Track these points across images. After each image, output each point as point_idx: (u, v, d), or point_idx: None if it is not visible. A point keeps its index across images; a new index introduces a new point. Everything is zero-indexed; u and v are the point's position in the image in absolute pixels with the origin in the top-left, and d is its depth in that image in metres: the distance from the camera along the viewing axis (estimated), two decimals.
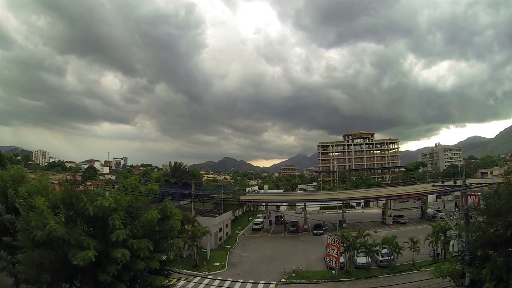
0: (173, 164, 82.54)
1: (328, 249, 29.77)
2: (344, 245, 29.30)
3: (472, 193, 30.57)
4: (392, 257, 29.58)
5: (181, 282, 26.07)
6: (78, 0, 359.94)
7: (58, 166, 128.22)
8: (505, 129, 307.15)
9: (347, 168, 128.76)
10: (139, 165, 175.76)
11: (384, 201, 57.54)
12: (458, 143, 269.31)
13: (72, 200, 12.65)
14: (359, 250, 29.85)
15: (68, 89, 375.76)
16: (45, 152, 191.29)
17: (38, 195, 12.57)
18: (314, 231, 46.24)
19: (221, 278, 27.82)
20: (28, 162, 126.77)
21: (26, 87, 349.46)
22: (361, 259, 30.05)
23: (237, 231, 50.46)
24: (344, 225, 47.39)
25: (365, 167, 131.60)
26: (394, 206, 61.66)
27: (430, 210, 54.90)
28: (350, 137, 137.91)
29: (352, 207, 71.60)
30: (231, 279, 27.54)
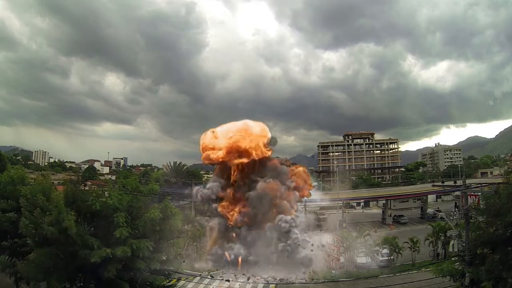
0: (173, 164, 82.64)
1: (328, 249, 29.78)
2: (344, 245, 29.31)
3: (472, 193, 30.61)
4: (392, 257, 29.58)
5: (181, 282, 26.08)
6: (82, 2, 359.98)
7: (58, 166, 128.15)
8: (505, 129, 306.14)
9: (347, 168, 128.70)
10: (139, 165, 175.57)
11: (384, 201, 57.52)
12: (458, 143, 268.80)
13: (75, 200, 12.73)
14: (359, 250, 29.87)
15: (70, 90, 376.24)
16: (45, 152, 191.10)
17: (41, 194, 12.65)
18: (315, 231, 46.21)
19: (221, 278, 27.83)
20: (28, 162, 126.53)
21: (29, 87, 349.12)
22: (361, 259, 30.05)
23: None
24: (344, 225, 47.37)
25: (365, 167, 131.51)
26: (394, 206, 61.61)
27: (430, 210, 54.89)
28: (350, 137, 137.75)
29: (352, 207, 71.55)
30: (231, 279, 27.56)
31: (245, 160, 33.94)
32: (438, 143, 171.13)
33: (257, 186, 32.68)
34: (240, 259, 31.24)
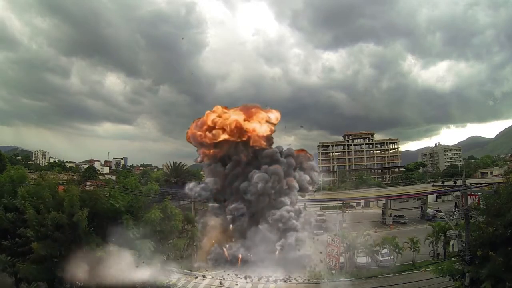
0: (172, 164, 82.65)
1: (328, 249, 29.76)
2: (344, 245, 29.30)
3: (472, 193, 30.61)
4: (392, 257, 29.58)
5: (181, 282, 26.10)
6: (82, 2, 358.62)
7: (59, 166, 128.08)
8: (505, 129, 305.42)
9: (347, 168, 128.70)
10: (139, 165, 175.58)
11: (384, 201, 57.54)
12: (458, 143, 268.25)
13: (88, 200, 12.81)
14: (359, 250, 29.86)
15: (71, 90, 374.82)
16: (45, 152, 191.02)
17: (48, 192, 12.71)
18: (314, 231, 46.18)
19: (221, 278, 27.83)
20: (28, 162, 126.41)
21: (29, 88, 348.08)
22: (361, 259, 30.06)
23: None
24: (344, 225, 47.37)
25: (365, 167, 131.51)
26: (394, 206, 61.63)
27: (430, 210, 54.91)
28: (350, 137, 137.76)
29: (352, 207, 71.55)
30: (231, 279, 27.56)
31: (243, 156, 33.27)
32: (438, 143, 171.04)
33: (254, 178, 31.77)
34: (240, 258, 31.20)
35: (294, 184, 33.52)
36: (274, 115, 35.06)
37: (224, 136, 32.96)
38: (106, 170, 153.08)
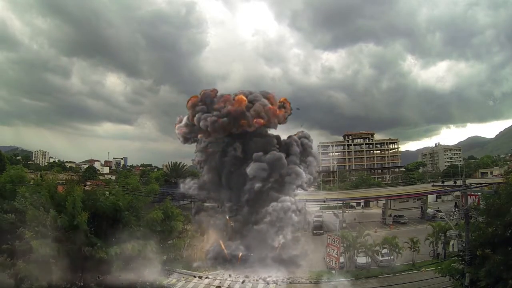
0: (172, 164, 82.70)
1: (328, 249, 29.77)
2: (344, 245, 29.32)
3: (472, 193, 30.62)
4: (392, 257, 29.59)
5: (181, 282, 26.10)
6: (83, 3, 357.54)
7: (58, 166, 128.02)
8: (505, 129, 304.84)
9: (347, 168, 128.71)
10: (139, 165, 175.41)
11: (384, 201, 57.55)
12: (458, 143, 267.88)
13: (87, 200, 12.79)
14: (359, 250, 29.87)
15: (71, 90, 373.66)
16: (45, 152, 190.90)
17: (47, 192, 12.69)
18: (314, 231, 46.20)
19: (221, 278, 27.82)
20: (28, 162, 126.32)
21: (30, 88, 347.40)
22: (361, 259, 30.08)
23: None
24: (344, 225, 47.37)
25: (365, 167, 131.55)
26: (394, 206, 61.62)
27: (430, 210, 54.91)
28: (350, 137, 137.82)
29: (352, 207, 71.54)
30: (230, 279, 27.55)
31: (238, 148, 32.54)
32: (438, 143, 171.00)
33: (248, 171, 30.85)
34: (239, 257, 31.15)
35: (295, 178, 32.88)
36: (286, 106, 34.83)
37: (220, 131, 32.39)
38: (106, 170, 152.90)
